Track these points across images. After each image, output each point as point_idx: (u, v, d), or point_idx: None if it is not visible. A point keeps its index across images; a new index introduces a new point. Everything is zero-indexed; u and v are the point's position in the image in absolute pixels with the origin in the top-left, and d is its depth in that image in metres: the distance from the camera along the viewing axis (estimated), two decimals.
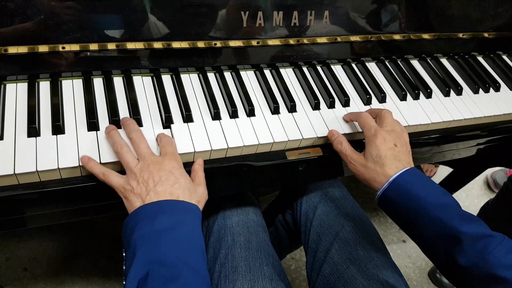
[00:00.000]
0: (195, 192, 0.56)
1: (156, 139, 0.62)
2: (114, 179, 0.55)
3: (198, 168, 0.61)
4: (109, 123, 0.62)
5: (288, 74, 0.80)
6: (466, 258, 0.54)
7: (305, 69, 0.82)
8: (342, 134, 0.70)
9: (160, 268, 0.46)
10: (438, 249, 0.58)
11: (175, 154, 0.58)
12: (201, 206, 0.57)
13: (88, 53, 0.65)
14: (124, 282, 0.47)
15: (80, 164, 0.56)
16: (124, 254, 0.51)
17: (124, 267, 0.50)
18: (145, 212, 0.51)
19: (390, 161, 0.62)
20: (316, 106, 0.74)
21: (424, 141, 0.80)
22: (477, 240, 0.54)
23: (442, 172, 1.81)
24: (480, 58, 0.99)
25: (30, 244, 1.33)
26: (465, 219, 0.57)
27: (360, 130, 0.72)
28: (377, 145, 0.63)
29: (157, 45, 0.68)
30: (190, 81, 0.73)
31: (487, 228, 0.57)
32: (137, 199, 0.53)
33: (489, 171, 1.88)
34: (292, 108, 0.73)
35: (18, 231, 1.35)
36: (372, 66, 0.87)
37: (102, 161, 0.57)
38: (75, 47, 0.64)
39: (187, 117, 0.66)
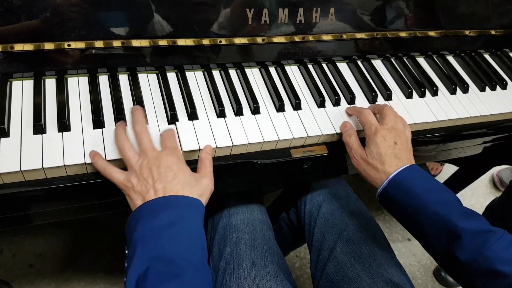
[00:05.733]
0: (197, 185, 0.56)
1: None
2: (116, 175, 0.55)
3: (205, 157, 0.60)
4: (115, 121, 0.62)
5: (293, 71, 0.80)
6: (466, 254, 0.54)
7: (310, 66, 0.81)
8: None
9: (160, 264, 0.46)
10: (438, 245, 0.58)
11: (175, 149, 0.58)
12: (204, 199, 0.56)
13: (94, 51, 0.66)
14: (124, 280, 0.47)
15: (86, 161, 0.56)
16: (126, 252, 0.51)
17: (126, 264, 0.50)
18: (145, 210, 0.52)
19: (390, 159, 0.63)
20: (321, 104, 0.74)
21: (429, 139, 0.79)
22: (476, 236, 0.54)
23: (448, 171, 1.80)
24: (486, 56, 0.98)
25: (36, 240, 1.34)
26: (464, 215, 0.57)
27: None
28: (377, 143, 0.63)
29: (162, 42, 0.68)
30: (195, 78, 0.73)
31: (487, 224, 0.57)
32: (138, 197, 0.53)
33: (495, 170, 1.86)
34: (297, 106, 0.72)
35: (24, 227, 1.36)
36: (377, 64, 0.87)
37: (107, 159, 0.57)
38: (80, 44, 0.64)
39: (192, 115, 0.66)
